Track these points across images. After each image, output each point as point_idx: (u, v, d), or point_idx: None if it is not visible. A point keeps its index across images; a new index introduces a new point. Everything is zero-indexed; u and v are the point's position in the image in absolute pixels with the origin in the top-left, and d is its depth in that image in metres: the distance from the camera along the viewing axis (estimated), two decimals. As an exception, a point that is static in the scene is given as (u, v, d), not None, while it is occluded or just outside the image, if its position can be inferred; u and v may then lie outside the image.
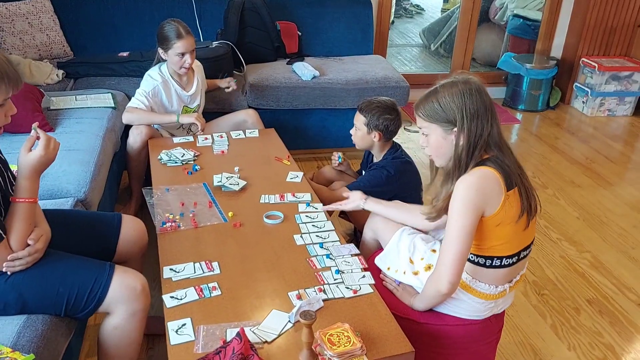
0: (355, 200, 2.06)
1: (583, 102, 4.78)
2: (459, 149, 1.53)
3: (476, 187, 1.49)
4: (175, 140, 2.67)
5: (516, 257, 1.59)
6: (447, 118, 1.53)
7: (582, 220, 3.14)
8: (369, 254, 2.01)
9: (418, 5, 8.91)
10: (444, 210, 1.60)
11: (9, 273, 1.50)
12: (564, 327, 2.32)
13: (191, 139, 2.69)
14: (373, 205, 2.03)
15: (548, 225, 3.06)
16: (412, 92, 3.73)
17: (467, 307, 1.65)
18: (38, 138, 1.50)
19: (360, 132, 2.46)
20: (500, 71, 5.01)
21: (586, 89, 4.69)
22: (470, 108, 1.50)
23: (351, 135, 2.53)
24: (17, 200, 1.48)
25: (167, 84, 2.81)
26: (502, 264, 1.58)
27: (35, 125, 1.53)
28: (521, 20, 5.50)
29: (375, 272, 1.83)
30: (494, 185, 1.49)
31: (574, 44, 4.78)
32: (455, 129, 1.52)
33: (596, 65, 4.54)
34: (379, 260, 1.87)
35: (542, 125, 4.55)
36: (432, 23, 6.91)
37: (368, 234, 2.07)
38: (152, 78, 2.79)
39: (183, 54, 2.71)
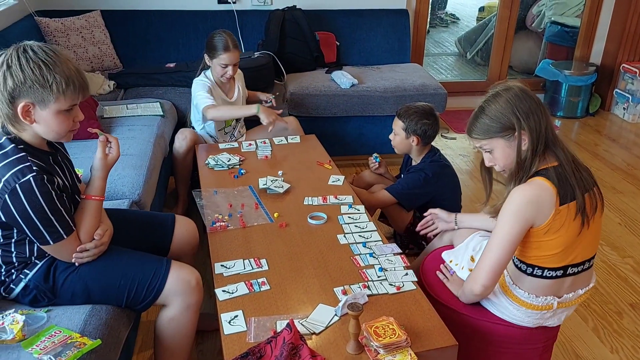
0: (445, 222, 2.10)
1: (624, 108, 4.73)
2: (524, 151, 1.54)
3: (529, 198, 1.50)
4: (221, 146, 2.78)
5: (561, 271, 1.58)
6: (505, 126, 1.54)
7: (623, 226, 3.11)
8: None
9: (453, 15, 8.92)
10: None
11: (77, 264, 1.61)
12: (606, 330, 2.32)
13: (236, 144, 2.80)
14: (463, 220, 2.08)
15: (589, 231, 3.05)
16: (449, 99, 3.78)
17: (507, 313, 1.67)
18: (108, 141, 1.64)
19: (399, 136, 2.52)
20: (538, 78, 5.00)
21: (627, 95, 4.64)
22: (522, 108, 1.52)
23: (391, 140, 2.59)
24: (92, 197, 1.62)
25: (214, 87, 2.93)
26: (544, 275, 1.58)
27: (98, 130, 1.67)
28: (559, 27, 5.47)
29: (438, 261, 1.92)
30: (548, 198, 1.49)
31: (614, 50, 4.74)
32: (517, 134, 1.54)
33: (637, 71, 4.49)
34: (446, 254, 1.94)
35: (581, 132, 4.52)
36: (468, 31, 6.92)
37: (446, 235, 2.12)
38: (202, 81, 2.92)
39: (226, 65, 2.83)
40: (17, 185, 1.43)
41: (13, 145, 1.49)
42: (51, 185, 1.49)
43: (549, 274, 1.58)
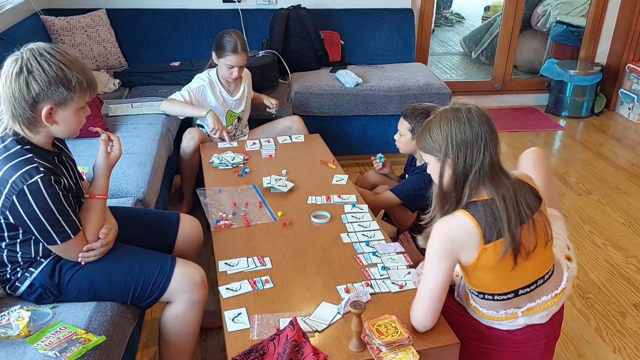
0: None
1: (629, 108, 4.71)
2: (446, 179, 1.48)
3: (450, 236, 1.45)
4: (221, 145, 2.79)
5: (512, 294, 1.54)
6: (436, 148, 1.48)
7: (627, 226, 3.11)
8: None
9: (458, 14, 8.90)
10: None
11: (82, 263, 1.63)
12: (609, 330, 2.32)
13: (236, 144, 2.82)
14: None
15: (592, 231, 3.05)
16: (453, 99, 3.78)
17: (482, 319, 1.66)
18: (109, 139, 1.65)
19: (405, 137, 2.51)
20: (542, 78, 4.99)
21: (632, 95, 4.63)
22: (456, 137, 1.44)
23: (395, 140, 2.59)
24: (96, 196, 1.63)
25: (214, 86, 2.95)
26: (495, 298, 1.55)
27: (100, 129, 1.69)
28: (564, 26, 5.46)
29: None
30: (469, 236, 1.44)
31: (619, 49, 4.73)
32: (442, 159, 1.48)
33: (642, 71, 4.48)
34: None
35: (586, 132, 4.51)
36: (473, 31, 6.91)
37: None
38: (200, 79, 2.95)
39: (232, 67, 2.84)
40: (24, 186, 1.44)
41: (19, 146, 1.50)
42: (58, 186, 1.50)
43: (500, 297, 1.55)
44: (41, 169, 1.47)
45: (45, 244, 1.56)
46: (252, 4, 4.04)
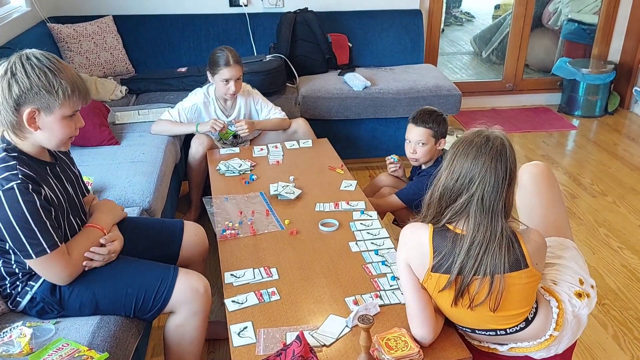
0: None
1: (644, 106, 4.63)
2: (437, 187, 1.45)
3: (404, 244, 1.49)
4: (223, 151, 2.77)
5: (493, 333, 1.49)
6: (447, 156, 1.47)
7: (644, 229, 3.04)
8: None
9: (468, 13, 8.82)
10: None
11: (86, 269, 1.61)
12: (627, 337, 2.26)
13: (238, 150, 2.80)
14: None
15: (608, 234, 2.98)
16: (464, 99, 3.72)
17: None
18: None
19: (428, 145, 2.38)
20: (554, 77, 4.92)
21: (646, 93, 4.55)
22: (459, 157, 1.41)
23: (413, 153, 2.43)
24: (96, 227, 1.66)
25: (208, 105, 2.92)
26: (474, 331, 1.52)
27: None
28: (576, 24, 5.38)
29: None
30: (421, 255, 1.44)
31: (633, 47, 4.64)
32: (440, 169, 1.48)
33: (657, 68, 4.39)
34: None
35: (600, 132, 4.43)
36: (483, 30, 6.84)
37: None
38: (196, 96, 2.93)
39: (228, 81, 2.81)
40: (1, 192, 1.41)
41: (5, 153, 1.48)
42: (37, 195, 1.46)
43: (480, 332, 1.51)
44: (20, 176, 1.43)
45: (22, 258, 1.50)
46: (259, 8, 4.01)
